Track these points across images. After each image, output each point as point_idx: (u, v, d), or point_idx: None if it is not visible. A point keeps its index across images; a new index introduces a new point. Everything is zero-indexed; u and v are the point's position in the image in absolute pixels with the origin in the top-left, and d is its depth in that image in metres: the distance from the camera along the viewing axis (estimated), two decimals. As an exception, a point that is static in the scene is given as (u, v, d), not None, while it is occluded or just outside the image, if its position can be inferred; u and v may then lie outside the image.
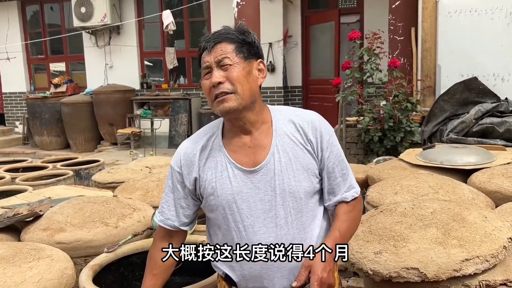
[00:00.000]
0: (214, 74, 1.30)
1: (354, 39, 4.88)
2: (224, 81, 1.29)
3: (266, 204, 1.34)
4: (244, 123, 1.36)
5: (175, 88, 8.86)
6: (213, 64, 1.31)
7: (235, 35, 1.33)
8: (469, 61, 4.77)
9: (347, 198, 1.41)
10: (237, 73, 1.30)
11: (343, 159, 1.42)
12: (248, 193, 1.34)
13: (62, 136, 8.79)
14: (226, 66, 1.30)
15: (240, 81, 1.30)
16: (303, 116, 1.40)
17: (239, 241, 1.36)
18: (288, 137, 1.36)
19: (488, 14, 4.67)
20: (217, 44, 1.31)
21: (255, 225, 1.34)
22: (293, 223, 1.35)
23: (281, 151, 1.35)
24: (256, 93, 1.35)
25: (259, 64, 1.37)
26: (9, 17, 9.69)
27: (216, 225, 1.42)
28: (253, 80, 1.34)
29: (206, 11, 8.62)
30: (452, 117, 4.20)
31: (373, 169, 3.29)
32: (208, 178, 1.38)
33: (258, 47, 1.37)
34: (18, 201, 2.85)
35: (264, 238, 1.34)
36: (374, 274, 1.67)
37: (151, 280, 1.47)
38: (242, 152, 1.37)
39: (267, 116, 1.39)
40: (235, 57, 1.30)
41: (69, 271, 1.80)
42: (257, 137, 1.37)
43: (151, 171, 3.79)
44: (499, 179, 2.63)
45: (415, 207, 1.90)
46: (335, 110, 6.52)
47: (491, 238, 1.66)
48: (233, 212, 1.35)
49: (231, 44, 1.31)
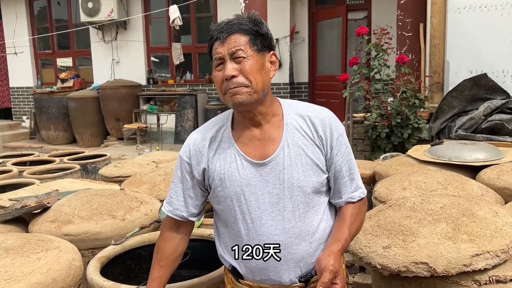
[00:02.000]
0: (227, 67, 1.28)
1: (362, 35, 4.84)
2: (237, 75, 1.28)
3: (274, 197, 1.33)
4: (255, 115, 1.35)
5: (182, 83, 8.86)
6: (226, 56, 1.28)
7: (249, 26, 1.30)
8: (478, 57, 4.72)
9: (353, 198, 1.40)
10: (251, 66, 1.28)
11: (351, 158, 1.41)
12: (256, 185, 1.34)
13: (68, 130, 8.82)
14: (239, 58, 1.28)
15: (254, 74, 1.28)
16: (315, 111, 1.39)
17: (246, 233, 1.36)
18: (298, 131, 1.35)
19: (498, 9, 4.62)
20: (231, 35, 1.28)
21: (262, 217, 1.34)
22: (300, 217, 1.34)
23: (291, 145, 1.34)
24: (268, 85, 1.34)
25: (272, 56, 1.36)
26: (17, 12, 9.73)
27: (223, 217, 1.42)
28: (265, 73, 1.32)
29: (213, 6, 8.61)
30: (460, 113, 4.16)
31: (380, 165, 3.27)
32: (216, 169, 1.37)
33: (271, 38, 1.36)
34: (25, 193, 2.86)
35: (271, 231, 1.34)
36: (383, 269, 1.66)
37: (159, 271, 1.47)
38: (252, 144, 1.36)
39: (278, 109, 1.38)
40: (249, 50, 1.28)
41: (77, 263, 1.80)
42: (267, 130, 1.36)
43: (157, 165, 3.80)
44: (508, 176, 2.61)
45: (424, 202, 1.89)
46: (342, 107, 6.50)
47: (502, 233, 1.64)
48: (241, 204, 1.35)
49: (245, 36, 1.29)
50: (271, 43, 1.36)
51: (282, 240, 1.34)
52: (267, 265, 1.35)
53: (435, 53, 5.06)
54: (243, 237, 1.37)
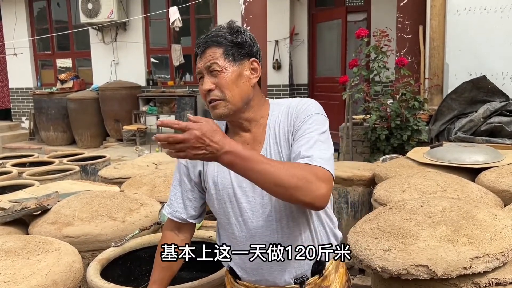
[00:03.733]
0: (205, 80, 1.31)
1: (361, 37, 4.85)
2: (213, 88, 1.30)
3: (264, 198, 1.36)
4: (240, 122, 1.37)
5: (181, 85, 8.87)
6: (203, 70, 1.31)
7: (224, 38, 1.31)
8: (478, 59, 4.72)
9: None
10: (226, 79, 1.29)
11: (313, 137, 1.26)
12: (247, 187, 1.36)
13: (68, 131, 8.82)
14: (215, 72, 1.29)
15: (229, 87, 1.29)
16: (295, 100, 1.38)
17: (240, 235, 1.39)
18: (278, 129, 1.35)
19: (497, 12, 4.63)
20: (206, 49, 1.31)
21: (253, 218, 1.37)
22: (291, 216, 1.36)
23: (272, 144, 1.35)
24: (249, 94, 1.34)
25: (252, 63, 1.35)
26: (17, 13, 9.73)
27: (219, 219, 1.46)
28: (244, 82, 1.32)
29: (212, 8, 8.62)
30: (460, 116, 4.17)
31: (380, 167, 3.28)
32: (210, 172, 1.41)
33: (250, 45, 1.35)
34: (25, 195, 2.86)
35: (263, 232, 1.36)
36: (383, 271, 1.66)
37: (160, 273, 1.48)
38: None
39: (266, 111, 1.40)
40: (224, 62, 1.29)
41: (77, 265, 1.80)
42: (255, 132, 1.39)
43: (157, 167, 3.79)
44: (508, 178, 2.61)
45: (424, 205, 1.89)
46: (341, 108, 6.50)
47: (501, 236, 1.64)
48: (233, 206, 1.38)
49: (220, 48, 1.30)
50: (251, 50, 1.35)
51: (274, 241, 1.36)
52: (260, 266, 1.38)
53: (434, 55, 5.07)
54: (237, 238, 1.40)
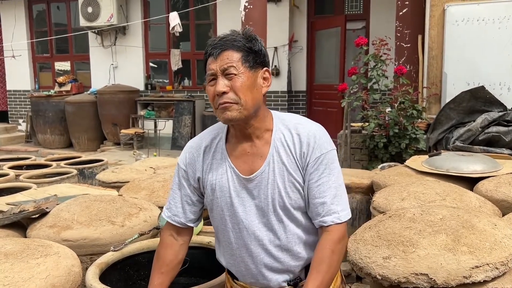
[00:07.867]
0: (219, 82, 1.30)
1: (360, 45, 4.88)
2: (228, 91, 1.30)
3: (260, 210, 1.38)
4: (246, 129, 1.38)
5: (180, 89, 8.87)
6: (218, 72, 1.31)
7: (242, 43, 1.32)
8: (476, 69, 4.76)
9: (325, 222, 1.34)
10: (242, 83, 1.30)
11: (329, 180, 1.34)
12: (244, 198, 1.38)
13: (65, 135, 8.79)
14: (231, 75, 1.30)
15: (244, 91, 1.30)
16: (304, 128, 1.38)
17: (235, 241, 1.42)
18: (284, 147, 1.36)
19: (495, 23, 4.68)
20: (224, 51, 1.31)
21: (249, 228, 1.39)
22: (285, 230, 1.38)
23: (276, 161, 1.36)
24: (259, 101, 1.36)
25: (265, 73, 1.37)
26: (16, 15, 9.73)
27: (215, 224, 1.48)
28: (257, 90, 1.34)
29: (212, 13, 8.65)
30: (458, 125, 4.19)
31: (378, 175, 3.28)
32: (209, 179, 1.42)
33: (265, 55, 1.37)
34: (23, 198, 2.85)
35: (259, 241, 1.39)
36: (383, 279, 1.66)
37: (159, 278, 1.49)
38: (242, 158, 1.40)
39: (270, 124, 1.40)
40: (241, 67, 1.30)
41: (76, 269, 1.79)
42: (257, 144, 1.39)
43: (155, 171, 3.79)
44: (506, 188, 2.62)
45: (424, 213, 1.89)
46: (339, 116, 6.53)
47: (501, 245, 1.65)
48: (230, 213, 1.40)
49: (238, 53, 1.31)
50: (265, 60, 1.37)
51: (268, 250, 1.39)
52: (255, 270, 1.41)
53: (433, 65, 5.11)
54: (233, 244, 1.43)
